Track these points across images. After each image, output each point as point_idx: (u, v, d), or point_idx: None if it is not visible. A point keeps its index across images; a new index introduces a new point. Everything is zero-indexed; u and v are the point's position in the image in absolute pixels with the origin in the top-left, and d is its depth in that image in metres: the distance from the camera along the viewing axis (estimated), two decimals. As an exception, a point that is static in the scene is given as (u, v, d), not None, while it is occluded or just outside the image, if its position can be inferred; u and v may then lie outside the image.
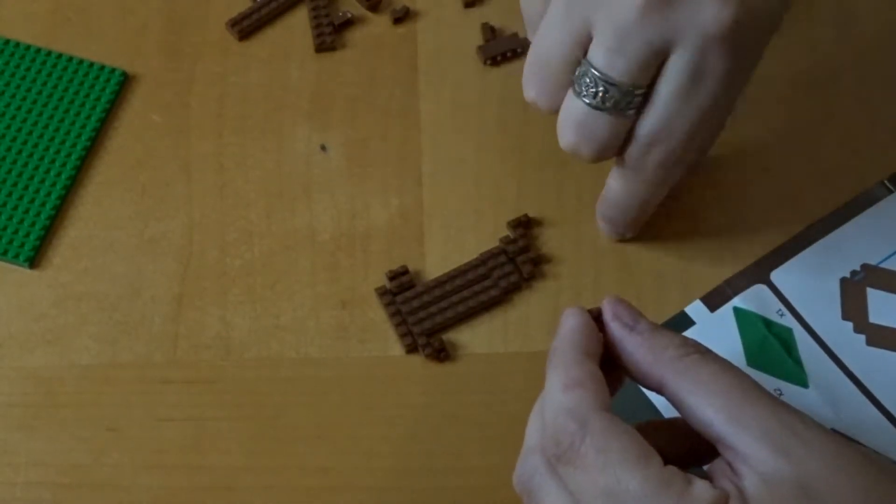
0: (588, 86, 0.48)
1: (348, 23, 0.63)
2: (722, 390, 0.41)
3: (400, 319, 0.54)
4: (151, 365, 0.53)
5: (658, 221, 0.56)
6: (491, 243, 0.56)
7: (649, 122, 0.49)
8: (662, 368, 0.43)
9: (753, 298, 0.54)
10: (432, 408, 0.52)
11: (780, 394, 0.51)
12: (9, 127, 0.59)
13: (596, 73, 0.48)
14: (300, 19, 0.63)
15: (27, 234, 0.56)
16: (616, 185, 0.53)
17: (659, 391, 0.43)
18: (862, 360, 0.52)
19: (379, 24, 0.63)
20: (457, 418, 0.52)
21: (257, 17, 0.62)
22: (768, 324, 0.53)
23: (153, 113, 0.60)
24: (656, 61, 0.48)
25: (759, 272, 0.55)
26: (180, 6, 0.63)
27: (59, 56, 0.61)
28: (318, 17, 0.62)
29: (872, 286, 0.54)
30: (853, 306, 0.54)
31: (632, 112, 0.49)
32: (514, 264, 0.55)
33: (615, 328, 0.44)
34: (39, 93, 0.60)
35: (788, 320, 0.53)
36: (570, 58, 0.49)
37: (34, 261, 0.56)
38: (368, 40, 0.62)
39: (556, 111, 0.51)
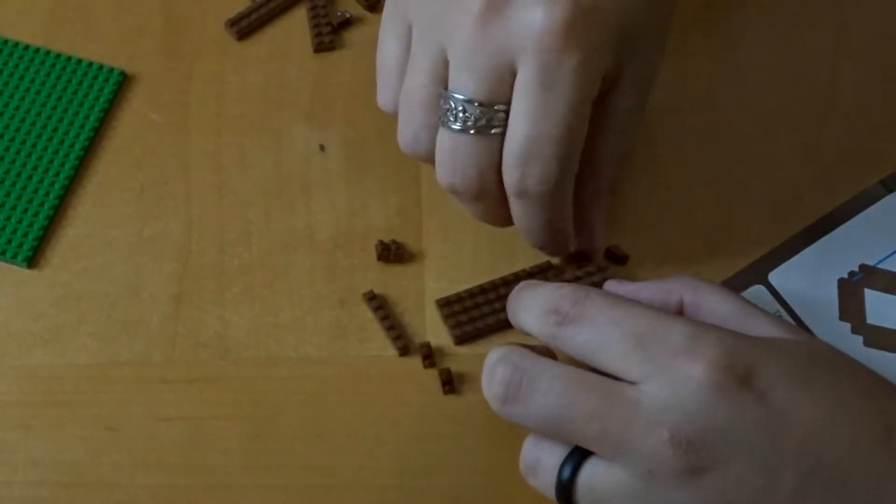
0: (450, 112, 0.48)
1: (347, 23, 0.63)
2: (732, 298, 0.48)
3: (390, 323, 0.54)
4: (150, 364, 0.53)
5: (657, 223, 0.57)
6: (489, 241, 0.56)
7: (512, 140, 0.48)
8: (678, 293, 0.48)
9: (751, 299, 0.54)
10: (431, 407, 0.52)
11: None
12: (7, 127, 0.59)
13: (453, 96, 0.48)
14: (299, 19, 0.63)
15: (25, 234, 0.56)
16: (517, 216, 0.51)
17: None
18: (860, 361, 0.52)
19: (377, 23, 0.62)
20: (455, 417, 0.52)
21: (256, 16, 0.62)
22: (766, 324, 0.53)
23: (152, 112, 0.60)
24: (507, 74, 0.47)
25: (757, 273, 0.55)
26: (179, 6, 0.63)
27: (58, 56, 0.61)
28: (317, 17, 0.62)
29: (870, 287, 0.54)
30: (851, 307, 0.54)
31: (497, 131, 0.48)
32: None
33: (622, 289, 0.49)
34: (38, 92, 0.60)
35: (786, 321, 0.53)
36: (434, 94, 0.49)
37: (33, 260, 0.56)
38: (367, 40, 0.62)
39: (433, 157, 0.51)
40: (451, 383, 0.52)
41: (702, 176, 0.58)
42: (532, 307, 0.46)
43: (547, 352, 0.46)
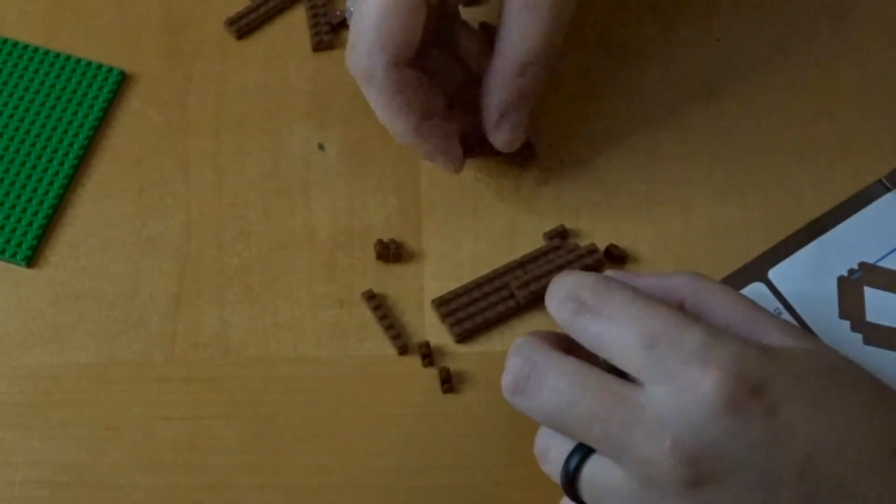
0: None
1: (346, 22, 0.63)
2: (736, 300, 0.46)
3: (389, 323, 0.54)
4: (149, 364, 0.53)
5: (656, 221, 0.57)
6: (488, 241, 0.56)
7: (525, 44, 0.52)
8: (678, 293, 0.46)
9: (752, 297, 0.54)
10: (430, 406, 0.52)
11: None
12: (7, 126, 0.59)
13: None
14: (298, 18, 0.63)
15: (25, 233, 0.56)
16: None
17: None
18: (859, 359, 0.52)
19: (377, 22, 0.63)
20: (455, 416, 0.52)
21: (255, 16, 0.62)
22: (766, 322, 0.53)
23: (151, 112, 0.60)
24: None
25: (757, 270, 0.55)
26: (178, 5, 0.63)
27: (58, 55, 0.61)
28: (316, 17, 0.62)
29: (870, 285, 0.54)
30: (850, 305, 0.54)
31: None
32: (510, 291, 0.55)
33: (626, 276, 0.47)
34: (37, 92, 0.60)
35: (786, 319, 0.53)
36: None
37: (32, 260, 0.56)
38: (366, 39, 0.62)
39: None
40: (450, 382, 0.52)
41: (701, 173, 0.58)
42: (555, 294, 0.46)
43: (568, 339, 0.46)
